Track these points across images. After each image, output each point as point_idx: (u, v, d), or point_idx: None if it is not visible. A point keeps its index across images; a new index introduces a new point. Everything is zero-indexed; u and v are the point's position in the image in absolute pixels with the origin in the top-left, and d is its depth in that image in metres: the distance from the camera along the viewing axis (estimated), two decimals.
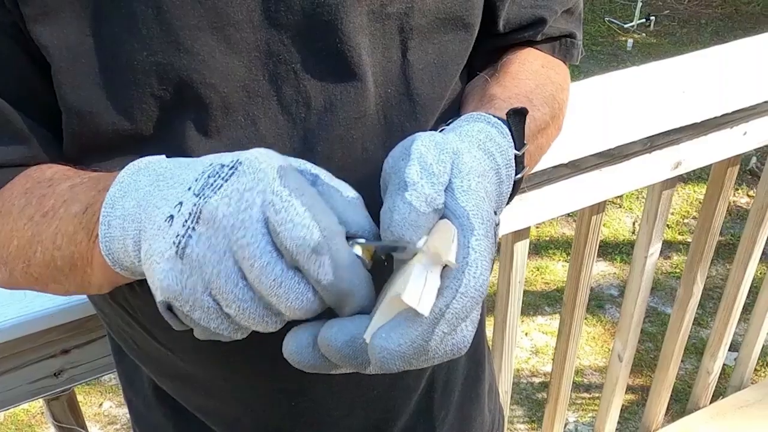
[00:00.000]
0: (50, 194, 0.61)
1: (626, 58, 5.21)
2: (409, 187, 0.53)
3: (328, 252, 0.49)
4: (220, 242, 0.49)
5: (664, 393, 1.98)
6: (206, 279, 0.49)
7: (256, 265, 0.49)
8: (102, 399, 3.00)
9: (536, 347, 3.18)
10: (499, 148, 0.62)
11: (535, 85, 0.74)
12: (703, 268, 1.76)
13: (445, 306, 0.51)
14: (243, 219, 0.49)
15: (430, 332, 0.51)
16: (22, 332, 0.98)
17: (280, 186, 0.49)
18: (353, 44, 0.65)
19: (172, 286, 0.50)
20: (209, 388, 0.78)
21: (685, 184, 4.05)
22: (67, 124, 0.62)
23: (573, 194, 1.36)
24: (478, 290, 0.52)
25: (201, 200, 0.49)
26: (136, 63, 0.60)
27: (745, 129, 1.48)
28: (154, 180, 0.54)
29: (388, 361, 0.50)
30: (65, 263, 0.61)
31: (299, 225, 0.48)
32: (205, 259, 0.49)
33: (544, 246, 3.70)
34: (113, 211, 0.55)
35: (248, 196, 0.49)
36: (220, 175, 0.50)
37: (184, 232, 0.49)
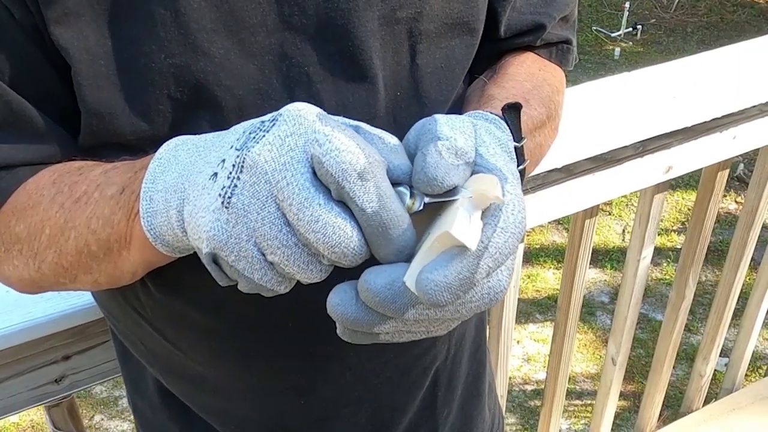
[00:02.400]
0: (82, 181, 0.62)
1: (614, 67, 5.25)
2: (442, 138, 0.54)
3: (374, 178, 0.49)
4: (263, 188, 0.49)
5: (657, 396, 2.00)
6: (251, 227, 0.50)
7: (295, 201, 0.49)
8: (93, 412, 2.99)
9: (528, 355, 3.19)
10: (498, 141, 0.63)
11: (532, 86, 0.76)
12: (694, 270, 1.78)
13: (486, 239, 0.51)
14: (285, 162, 0.49)
15: (475, 265, 0.51)
16: (24, 338, 0.98)
17: (321, 125, 0.49)
18: (365, 48, 0.66)
19: (218, 236, 0.50)
20: (219, 388, 0.79)
21: (675, 191, 4.08)
22: (86, 125, 0.63)
23: (567, 198, 1.37)
24: (517, 227, 0.52)
25: (243, 151, 0.50)
26: (153, 65, 0.61)
27: (734, 133, 1.50)
28: (194, 152, 0.55)
29: (435, 292, 0.50)
30: (100, 248, 0.61)
31: (345, 151, 0.49)
32: (249, 207, 0.49)
33: (534, 254, 3.72)
34: (154, 186, 0.55)
35: (290, 141, 0.49)
36: (261, 128, 0.51)
37: (229, 183, 0.50)
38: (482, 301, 0.53)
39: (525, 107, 0.70)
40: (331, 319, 0.55)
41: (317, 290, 0.57)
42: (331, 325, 0.57)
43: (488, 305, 0.54)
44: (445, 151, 0.53)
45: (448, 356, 0.87)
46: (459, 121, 0.57)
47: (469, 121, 0.58)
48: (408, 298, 0.52)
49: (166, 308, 0.72)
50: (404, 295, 0.52)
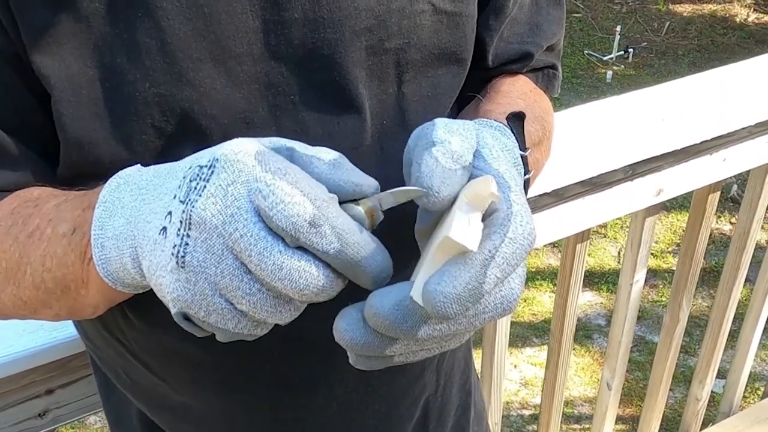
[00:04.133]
0: (36, 214, 0.61)
1: (606, 90, 5.27)
2: (437, 144, 0.53)
3: (326, 221, 0.49)
4: (216, 242, 0.49)
5: (654, 421, 1.98)
6: (212, 281, 0.49)
7: (254, 252, 0.48)
8: None
9: (525, 379, 3.17)
10: (505, 147, 0.63)
11: (526, 105, 0.76)
12: (688, 293, 1.76)
13: (494, 248, 0.50)
14: (232, 213, 0.48)
15: (482, 274, 0.49)
16: (5, 373, 0.97)
17: (262, 172, 0.49)
18: (351, 77, 0.66)
19: (182, 296, 0.50)
20: (203, 419, 0.78)
21: (669, 213, 4.07)
22: (65, 154, 0.63)
23: (557, 223, 1.37)
24: (527, 238, 0.51)
25: (188, 206, 0.49)
26: (137, 94, 0.61)
27: (724, 155, 1.50)
28: (137, 194, 0.54)
29: (444, 304, 0.48)
30: (56, 285, 0.60)
31: (290, 204, 0.48)
32: (206, 262, 0.49)
33: (530, 277, 3.70)
34: (103, 233, 0.55)
35: (232, 190, 0.48)
36: (200, 176, 0.50)
37: (180, 242, 0.49)
38: (496, 311, 0.52)
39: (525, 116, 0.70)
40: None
41: (302, 320, 0.56)
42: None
43: (502, 314, 0.53)
44: (441, 156, 0.52)
45: (438, 387, 0.86)
46: (458, 124, 0.56)
47: (471, 125, 0.57)
48: (419, 315, 0.50)
49: (148, 339, 0.71)
50: (414, 314, 0.50)
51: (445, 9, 0.70)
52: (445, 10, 0.70)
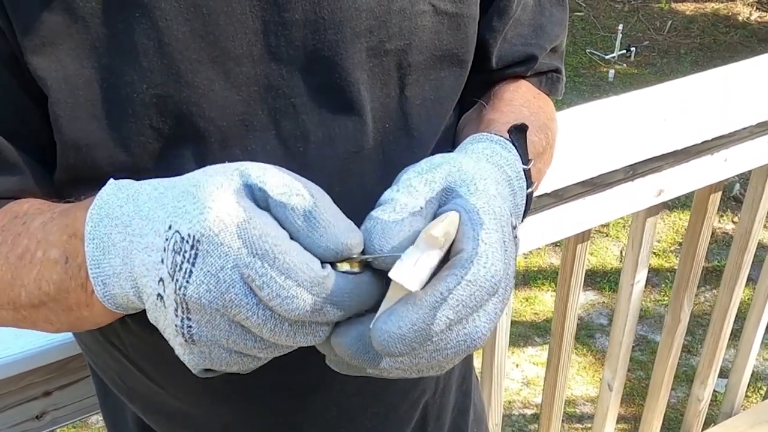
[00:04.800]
0: (24, 233, 0.60)
1: (608, 89, 5.26)
2: (381, 204, 0.55)
3: (326, 303, 0.51)
4: (220, 321, 0.50)
5: (655, 422, 1.97)
6: (225, 347, 0.52)
7: (265, 330, 0.51)
8: None
9: (527, 378, 3.17)
10: (506, 161, 0.63)
11: (530, 113, 0.76)
12: (689, 294, 1.76)
13: (447, 290, 0.50)
14: (231, 298, 0.49)
15: (431, 315, 0.50)
16: (2, 375, 0.96)
17: (249, 256, 0.49)
18: (352, 80, 0.66)
19: (201, 363, 0.53)
20: (201, 426, 0.77)
21: (671, 212, 4.07)
22: (62, 157, 0.62)
23: (557, 223, 1.36)
24: (489, 281, 0.51)
25: (179, 291, 0.50)
26: (135, 95, 0.60)
27: (725, 155, 1.49)
28: (125, 233, 0.54)
29: (388, 343, 0.50)
30: (58, 306, 0.60)
31: (287, 298, 0.49)
32: (215, 336, 0.51)
33: (532, 277, 3.70)
34: (102, 271, 0.55)
35: (223, 276, 0.49)
36: (183, 255, 0.50)
37: (181, 323, 0.51)
38: (458, 348, 0.53)
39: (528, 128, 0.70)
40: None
41: None
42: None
43: (466, 352, 0.53)
44: (380, 213, 0.54)
45: (437, 390, 0.85)
46: (425, 168, 0.57)
47: (440, 162, 0.58)
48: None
49: (145, 345, 0.71)
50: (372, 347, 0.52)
51: (446, 10, 0.69)
52: (446, 11, 0.69)
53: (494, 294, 0.52)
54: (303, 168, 0.65)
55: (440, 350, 0.52)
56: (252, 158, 0.64)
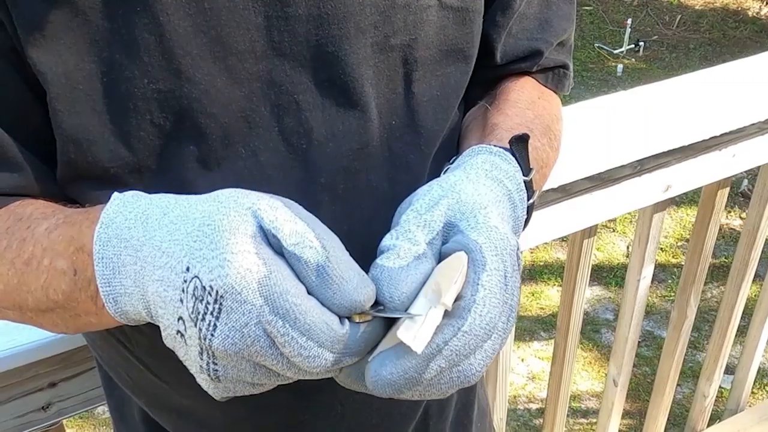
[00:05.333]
0: (29, 238, 0.60)
1: (616, 83, 5.25)
2: (382, 252, 0.56)
3: (346, 357, 0.53)
4: (246, 365, 0.52)
5: (660, 417, 1.97)
6: (250, 382, 0.54)
7: (290, 372, 0.53)
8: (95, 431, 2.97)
9: (532, 373, 3.17)
10: (506, 174, 0.62)
11: (535, 116, 0.75)
12: (696, 290, 1.75)
13: (443, 343, 0.52)
14: (256, 350, 0.51)
15: (423, 366, 0.52)
16: (7, 366, 0.96)
17: (271, 315, 0.50)
18: (356, 75, 0.65)
19: (225, 395, 0.55)
20: (206, 422, 0.77)
21: (678, 208, 4.05)
22: (62, 152, 0.62)
23: (564, 219, 1.36)
24: (484, 329, 0.53)
25: (205, 340, 0.51)
26: (136, 90, 0.60)
27: (733, 151, 1.48)
28: (135, 257, 0.54)
29: (378, 386, 0.52)
30: (66, 313, 0.61)
31: (309, 357, 0.51)
32: (240, 376, 0.53)
33: (538, 271, 3.70)
34: (112, 290, 0.56)
35: (248, 331, 0.50)
36: (208, 308, 0.51)
37: (207, 366, 0.52)
38: (452, 385, 0.54)
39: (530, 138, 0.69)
40: None
41: None
42: None
43: (459, 387, 0.55)
44: (386, 260, 0.55)
45: None
46: (423, 205, 0.58)
47: (437, 198, 0.58)
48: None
49: (151, 342, 0.71)
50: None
51: (451, 4, 0.69)
52: (451, 5, 0.69)
53: (490, 338, 0.54)
54: (307, 165, 0.65)
55: (432, 386, 0.54)
56: (255, 156, 0.64)
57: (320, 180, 0.66)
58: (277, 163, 0.65)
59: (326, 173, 0.66)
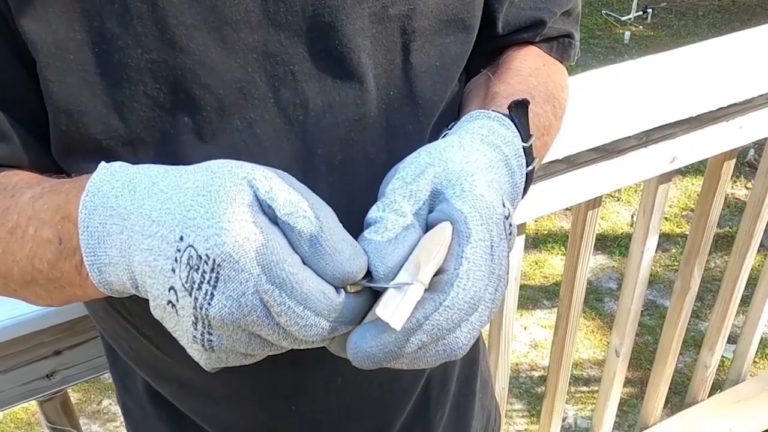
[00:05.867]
0: (13, 207, 0.60)
1: (623, 51, 5.20)
2: (369, 224, 0.56)
3: (341, 325, 0.53)
4: (241, 334, 0.52)
5: (662, 387, 1.98)
6: (243, 353, 0.54)
7: (285, 342, 0.53)
8: (101, 397, 3.00)
9: (535, 341, 3.18)
10: (504, 140, 0.62)
11: (538, 83, 0.74)
12: (700, 261, 1.75)
13: (423, 318, 0.52)
14: (252, 320, 0.51)
15: (403, 341, 0.52)
16: (12, 335, 0.97)
17: (268, 284, 0.50)
18: (353, 46, 0.64)
19: (216, 365, 0.55)
20: (208, 393, 0.78)
21: (684, 177, 4.04)
22: (54, 124, 0.61)
23: (568, 189, 1.35)
24: (468, 302, 0.52)
25: (201, 309, 0.51)
26: (129, 60, 0.59)
27: (741, 123, 1.47)
28: (122, 226, 0.54)
29: (357, 358, 0.53)
30: (49, 283, 0.60)
31: (306, 326, 0.51)
32: (234, 346, 0.53)
33: (542, 240, 3.70)
34: (97, 259, 0.55)
35: (245, 300, 0.50)
36: (204, 277, 0.50)
37: (201, 336, 0.52)
38: (438, 357, 0.55)
39: (531, 104, 0.69)
40: None
41: None
42: None
43: (446, 359, 0.55)
44: (374, 234, 0.54)
45: None
46: (409, 173, 0.57)
47: (424, 165, 0.57)
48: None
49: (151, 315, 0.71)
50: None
51: None
52: None
53: (476, 310, 0.53)
54: (303, 137, 0.65)
55: (417, 359, 0.54)
56: (251, 128, 0.63)
57: (317, 151, 0.65)
58: (274, 134, 0.64)
59: (323, 144, 0.65)
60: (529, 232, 3.64)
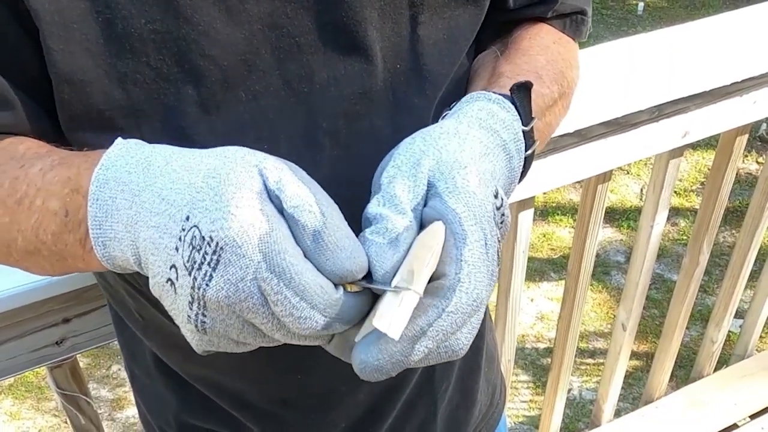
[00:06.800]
0: (23, 177, 0.59)
1: (636, 23, 5.14)
2: (368, 216, 0.55)
3: (336, 322, 0.52)
4: (235, 320, 0.52)
5: (667, 362, 1.98)
6: (234, 338, 0.53)
7: (277, 334, 0.52)
8: (110, 362, 3.03)
9: (541, 313, 3.19)
10: (503, 123, 0.61)
11: (546, 62, 0.73)
12: (709, 237, 1.74)
13: (427, 325, 0.51)
14: (248, 306, 0.50)
15: (410, 348, 0.52)
16: (22, 302, 0.98)
17: (267, 272, 0.50)
18: (360, 18, 0.63)
19: (207, 348, 0.55)
20: (214, 363, 0.78)
21: (694, 151, 4.02)
22: (58, 95, 0.61)
23: (579, 163, 1.34)
24: (471, 305, 0.52)
25: (198, 289, 0.50)
26: (132, 30, 0.58)
27: (755, 98, 1.46)
28: (131, 201, 0.53)
29: (366, 371, 0.52)
30: (52, 255, 0.60)
31: (301, 318, 0.51)
32: (227, 331, 0.52)
33: (550, 212, 3.69)
34: (103, 232, 0.55)
35: (243, 286, 0.50)
36: (205, 258, 0.50)
37: (195, 316, 0.52)
38: (438, 359, 0.55)
39: (537, 84, 0.68)
40: None
41: None
42: None
43: (447, 360, 0.55)
44: (375, 236, 0.53)
45: None
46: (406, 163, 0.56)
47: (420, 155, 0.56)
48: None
49: None
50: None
51: None
52: None
53: (477, 312, 0.53)
54: (308, 110, 0.64)
55: (422, 361, 0.54)
56: (255, 100, 0.63)
57: (322, 124, 0.65)
58: (278, 107, 0.64)
59: (328, 118, 0.65)
60: (537, 205, 3.63)
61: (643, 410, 2.02)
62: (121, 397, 2.91)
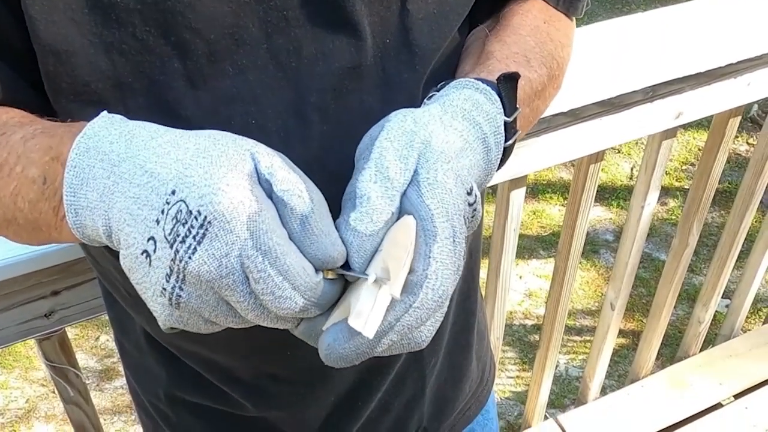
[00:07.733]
0: (3, 144, 0.59)
1: (631, 1, 5.12)
2: (357, 205, 0.54)
3: (314, 306, 0.53)
4: (211, 296, 0.52)
5: (654, 341, 2.00)
6: (206, 317, 0.53)
7: (251, 314, 0.52)
8: (99, 333, 3.03)
9: (530, 290, 3.20)
10: (486, 116, 0.61)
11: (535, 43, 0.72)
12: (699, 218, 1.75)
13: (395, 320, 0.52)
14: (228, 283, 0.50)
15: (376, 342, 0.53)
16: (9, 274, 0.97)
17: (252, 249, 0.50)
18: None
19: (175, 324, 0.54)
20: (203, 339, 0.78)
21: (685, 131, 4.02)
22: (43, 66, 0.60)
23: (571, 143, 1.34)
24: (436, 301, 0.53)
25: (179, 262, 0.50)
26: (118, 1, 0.57)
27: (749, 80, 1.45)
28: (109, 171, 0.53)
29: (331, 359, 0.53)
30: (28, 223, 0.59)
31: (281, 298, 0.51)
32: (200, 308, 0.52)
33: (541, 190, 3.69)
34: (76, 200, 0.54)
35: (226, 261, 0.50)
36: (190, 232, 0.50)
37: (171, 290, 0.51)
38: (400, 350, 0.56)
39: (525, 69, 0.67)
40: None
41: None
42: None
43: (408, 351, 0.56)
44: (359, 223, 0.53)
45: None
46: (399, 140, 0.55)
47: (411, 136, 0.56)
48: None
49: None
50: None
51: None
52: None
53: (441, 307, 0.54)
54: (296, 84, 0.63)
55: (385, 351, 0.55)
56: (242, 74, 0.62)
57: (310, 99, 0.64)
58: (266, 81, 0.63)
59: (316, 92, 0.64)
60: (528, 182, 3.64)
61: (629, 389, 2.04)
62: (109, 367, 2.92)
